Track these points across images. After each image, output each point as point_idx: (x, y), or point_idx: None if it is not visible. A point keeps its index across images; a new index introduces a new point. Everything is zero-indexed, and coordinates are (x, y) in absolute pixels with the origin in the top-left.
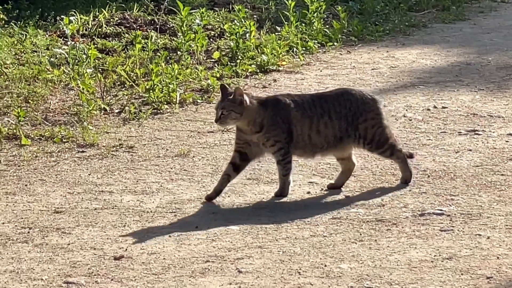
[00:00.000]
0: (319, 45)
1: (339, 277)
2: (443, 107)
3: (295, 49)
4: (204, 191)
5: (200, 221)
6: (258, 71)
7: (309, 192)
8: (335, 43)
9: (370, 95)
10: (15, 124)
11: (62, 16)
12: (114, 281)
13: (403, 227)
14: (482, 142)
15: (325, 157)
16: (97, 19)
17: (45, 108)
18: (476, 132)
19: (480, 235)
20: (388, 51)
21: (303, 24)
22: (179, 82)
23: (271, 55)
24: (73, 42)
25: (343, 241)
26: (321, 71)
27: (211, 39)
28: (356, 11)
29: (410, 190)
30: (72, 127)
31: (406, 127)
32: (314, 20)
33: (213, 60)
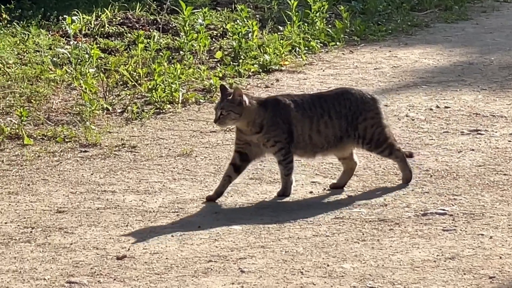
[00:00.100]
0: (322, 44)
1: (342, 277)
2: (446, 107)
3: (297, 48)
4: (206, 191)
5: (202, 221)
6: (261, 71)
7: (311, 192)
8: (338, 43)
9: (369, 95)
10: (18, 123)
11: (64, 16)
12: (116, 280)
13: (405, 227)
14: (485, 142)
15: (326, 157)
16: (99, 19)
17: (47, 108)
18: (479, 131)
19: (482, 234)
20: (390, 51)
21: (306, 24)
22: (181, 81)
23: (273, 54)
24: (75, 42)
25: (345, 241)
26: (323, 70)
27: (213, 39)
28: (359, 11)
29: (412, 190)
30: (75, 127)
31: (408, 126)
32: (317, 19)
33: (216, 59)
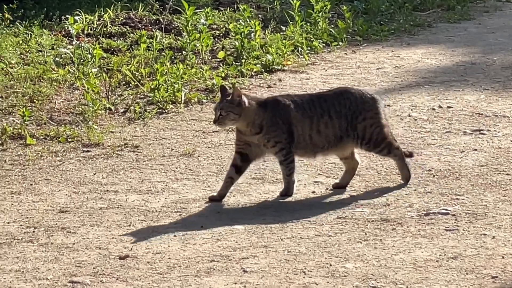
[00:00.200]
0: (324, 44)
1: (344, 276)
2: (448, 107)
3: (300, 48)
4: (209, 191)
5: (205, 221)
6: (263, 70)
7: (314, 192)
8: (340, 43)
9: (369, 94)
10: (20, 123)
11: (67, 16)
12: (119, 280)
13: (408, 227)
14: (487, 142)
15: (327, 157)
16: (102, 19)
17: (50, 107)
18: (481, 131)
19: (485, 234)
20: (393, 51)
21: (308, 24)
22: (184, 81)
23: (276, 54)
24: (78, 42)
25: (348, 241)
26: (326, 70)
27: (216, 39)
28: (361, 11)
29: (415, 190)
30: (77, 127)
31: (411, 126)
32: (319, 19)
33: (218, 59)
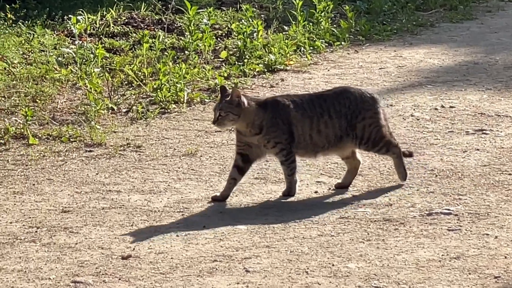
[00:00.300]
0: (327, 44)
1: (347, 276)
2: (451, 107)
3: (302, 48)
4: (212, 191)
5: (207, 221)
6: (266, 70)
7: (316, 192)
8: (343, 43)
9: (369, 94)
10: (23, 123)
11: (69, 16)
12: (121, 280)
13: (410, 227)
14: (490, 142)
15: (327, 156)
16: (104, 19)
17: (52, 107)
18: (484, 131)
19: (487, 234)
20: (395, 51)
21: (311, 24)
22: (186, 81)
23: (278, 54)
24: (80, 42)
25: (350, 241)
26: (328, 70)
27: (218, 39)
28: (364, 11)
29: (417, 190)
30: (80, 127)
31: (413, 126)
32: (322, 19)
33: (221, 59)
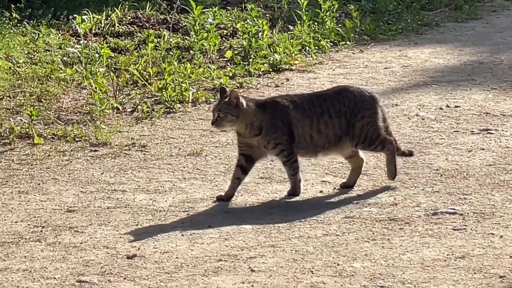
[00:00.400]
0: (332, 44)
1: (352, 276)
2: (456, 106)
3: (307, 48)
4: (217, 190)
5: (212, 220)
6: (271, 70)
7: (321, 191)
8: (348, 42)
9: (368, 93)
10: (28, 123)
11: (74, 15)
12: (126, 280)
13: (416, 226)
14: (495, 141)
15: (328, 156)
16: (109, 18)
17: (57, 107)
18: (489, 131)
19: (493, 234)
20: (400, 50)
21: (316, 23)
22: (191, 81)
23: (283, 54)
24: (85, 41)
25: (355, 240)
26: (333, 70)
27: (223, 38)
28: (369, 10)
29: (422, 189)
30: (85, 126)
31: (418, 126)
32: (327, 19)
33: (226, 59)
